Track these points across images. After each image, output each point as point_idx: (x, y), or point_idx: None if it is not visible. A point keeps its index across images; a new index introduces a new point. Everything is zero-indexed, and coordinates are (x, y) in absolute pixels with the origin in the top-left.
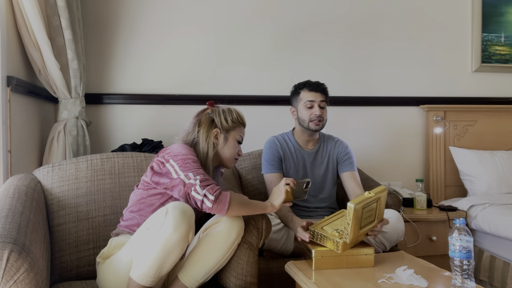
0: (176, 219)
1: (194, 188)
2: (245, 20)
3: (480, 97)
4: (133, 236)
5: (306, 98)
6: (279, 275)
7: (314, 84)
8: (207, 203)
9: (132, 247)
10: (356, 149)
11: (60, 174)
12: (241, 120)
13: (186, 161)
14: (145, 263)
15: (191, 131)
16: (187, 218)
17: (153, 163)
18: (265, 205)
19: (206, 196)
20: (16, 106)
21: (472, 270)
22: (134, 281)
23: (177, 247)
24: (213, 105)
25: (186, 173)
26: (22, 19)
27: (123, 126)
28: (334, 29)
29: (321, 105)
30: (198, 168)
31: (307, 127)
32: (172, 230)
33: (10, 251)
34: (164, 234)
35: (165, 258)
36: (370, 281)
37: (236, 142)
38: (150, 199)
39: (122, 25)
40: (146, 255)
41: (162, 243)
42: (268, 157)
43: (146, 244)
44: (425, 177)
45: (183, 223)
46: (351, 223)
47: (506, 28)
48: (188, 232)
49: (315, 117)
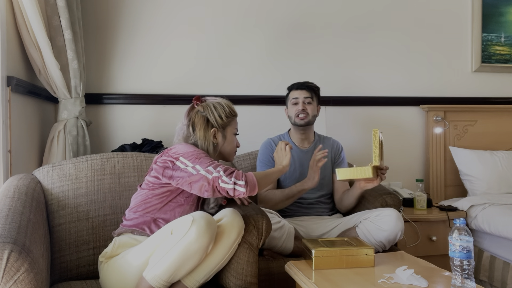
0: (201, 229)
1: (221, 180)
2: (244, 20)
3: (480, 97)
4: (151, 238)
5: (292, 96)
6: (279, 275)
7: (300, 83)
8: (239, 189)
9: (149, 248)
10: (356, 149)
11: (60, 174)
12: (234, 112)
13: (200, 157)
14: (161, 266)
15: (187, 134)
16: (211, 230)
17: (159, 163)
18: (279, 169)
19: (236, 183)
20: (16, 106)
21: (472, 270)
22: (146, 281)
23: (196, 256)
24: (199, 99)
25: (206, 168)
26: (22, 19)
27: (123, 126)
28: (334, 28)
29: (305, 101)
30: (213, 161)
31: (294, 123)
32: (195, 238)
33: (10, 251)
34: (186, 241)
35: (182, 265)
36: (370, 281)
37: (233, 136)
38: (156, 198)
39: (122, 25)
40: (165, 258)
41: (183, 249)
42: (262, 159)
43: (166, 247)
44: (425, 177)
45: (207, 234)
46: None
47: (506, 28)
48: (209, 243)
49: (298, 111)
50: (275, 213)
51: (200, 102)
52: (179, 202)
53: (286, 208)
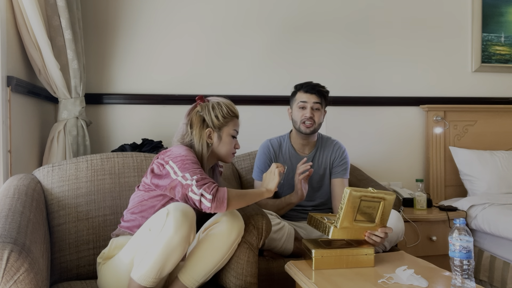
0: (177, 221)
1: (190, 189)
2: (244, 20)
3: (480, 97)
4: (133, 237)
5: (300, 98)
6: (279, 275)
7: (311, 85)
8: (205, 202)
9: (133, 247)
10: (356, 149)
11: (60, 174)
12: (233, 112)
13: (185, 162)
14: (146, 264)
15: (185, 133)
16: (189, 219)
17: (153, 165)
18: (261, 192)
19: (203, 196)
20: (16, 106)
21: (472, 270)
22: (135, 281)
23: (178, 248)
24: (202, 99)
25: (183, 174)
26: (22, 19)
27: (123, 126)
28: (334, 29)
29: (314, 107)
30: (196, 168)
31: (298, 129)
32: (173, 232)
33: (10, 251)
34: (165, 236)
35: (167, 259)
36: (370, 281)
37: (230, 138)
38: (151, 200)
39: (122, 25)
40: (147, 256)
41: (164, 245)
42: (259, 164)
43: (147, 245)
44: (425, 177)
45: (184, 224)
46: (344, 208)
47: (506, 28)
48: (189, 233)
49: (305, 118)
50: (275, 214)
51: (202, 102)
52: None
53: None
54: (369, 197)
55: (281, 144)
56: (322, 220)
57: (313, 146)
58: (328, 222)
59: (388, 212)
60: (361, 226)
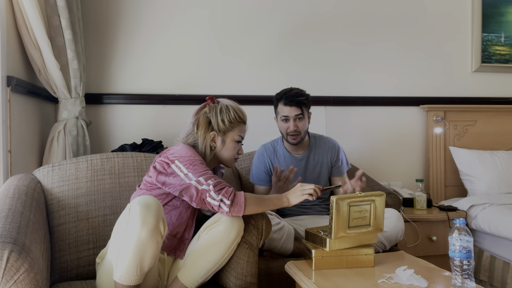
0: (140, 215)
1: (209, 194)
2: (244, 20)
3: (480, 97)
4: (110, 238)
5: (281, 112)
6: (279, 275)
7: (289, 97)
8: (224, 207)
9: (112, 248)
10: (356, 149)
11: (60, 174)
12: (240, 118)
13: (194, 163)
14: (122, 264)
15: (190, 132)
16: (153, 211)
17: (156, 163)
18: (281, 200)
19: (223, 201)
20: (16, 106)
21: (472, 270)
22: (117, 283)
23: (150, 242)
24: (213, 100)
25: (197, 178)
26: (22, 19)
27: (123, 126)
28: (333, 28)
29: (296, 119)
30: (207, 170)
31: (286, 139)
32: (139, 227)
33: (10, 251)
34: (132, 233)
35: (142, 255)
36: (370, 281)
37: (234, 143)
38: None
39: (122, 25)
40: (121, 256)
41: (133, 242)
42: (255, 171)
43: (119, 245)
44: (425, 177)
45: (148, 217)
46: (334, 217)
47: (506, 28)
48: (157, 224)
49: (290, 132)
50: (274, 214)
51: (212, 103)
52: (174, 205)
53: (285, 208)
54: (357, 201)
55: (275, 147)
56: (318, 234)
57: (306, 146)
58: (324, 234)
59: (382, 212)
60: (357, 233)
